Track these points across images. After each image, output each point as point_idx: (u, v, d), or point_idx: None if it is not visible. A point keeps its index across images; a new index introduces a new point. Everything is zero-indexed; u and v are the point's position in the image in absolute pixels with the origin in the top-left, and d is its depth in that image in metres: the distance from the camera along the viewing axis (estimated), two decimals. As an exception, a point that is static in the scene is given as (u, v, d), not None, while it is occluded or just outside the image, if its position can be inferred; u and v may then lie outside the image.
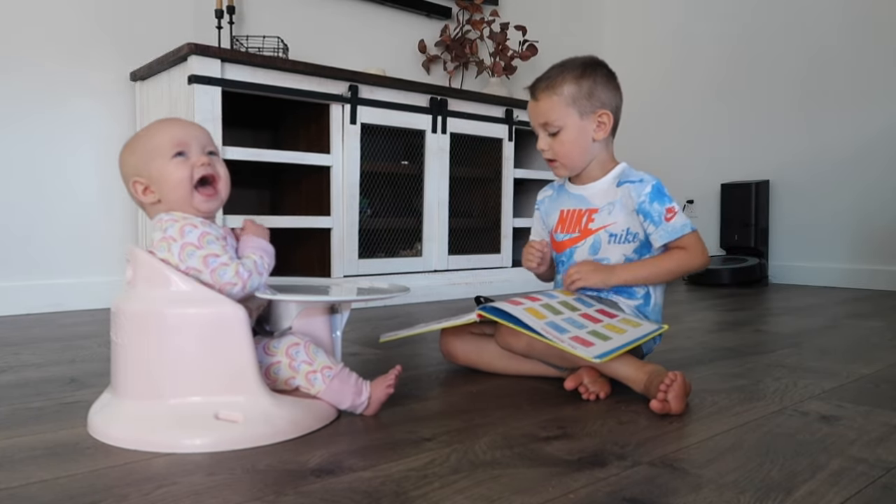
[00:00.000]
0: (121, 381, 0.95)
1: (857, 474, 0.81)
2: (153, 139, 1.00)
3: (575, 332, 1.12)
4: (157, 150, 0.99)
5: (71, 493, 0.74)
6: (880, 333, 1.86)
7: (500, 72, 3.14)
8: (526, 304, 1.18)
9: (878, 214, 3.01)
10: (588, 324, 1.16)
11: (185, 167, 0.98)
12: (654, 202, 1.25)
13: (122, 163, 1.02)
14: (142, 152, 0.99)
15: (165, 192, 0.98)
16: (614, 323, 1.19)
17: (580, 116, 1.27)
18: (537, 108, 1.30)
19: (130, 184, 1.00)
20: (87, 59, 2.28)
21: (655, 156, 3.65)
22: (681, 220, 1.26)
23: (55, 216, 2.24)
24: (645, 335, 1.18)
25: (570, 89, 1.27)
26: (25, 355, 1.49)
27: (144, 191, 0.99)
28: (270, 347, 0.99)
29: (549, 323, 1.12)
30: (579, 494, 0.75)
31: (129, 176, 1.00)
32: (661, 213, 1.25)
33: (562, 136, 1.28)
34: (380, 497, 0.73)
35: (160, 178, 0.98)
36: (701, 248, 1.27)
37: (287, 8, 2.73)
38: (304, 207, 2.45)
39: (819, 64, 3.18)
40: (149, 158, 0.99)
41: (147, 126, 1.04)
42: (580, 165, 1.32)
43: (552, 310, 1.18)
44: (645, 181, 1.27)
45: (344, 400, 1.01)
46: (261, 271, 0.97)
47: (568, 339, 1.08)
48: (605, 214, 1.30)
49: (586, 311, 1.22)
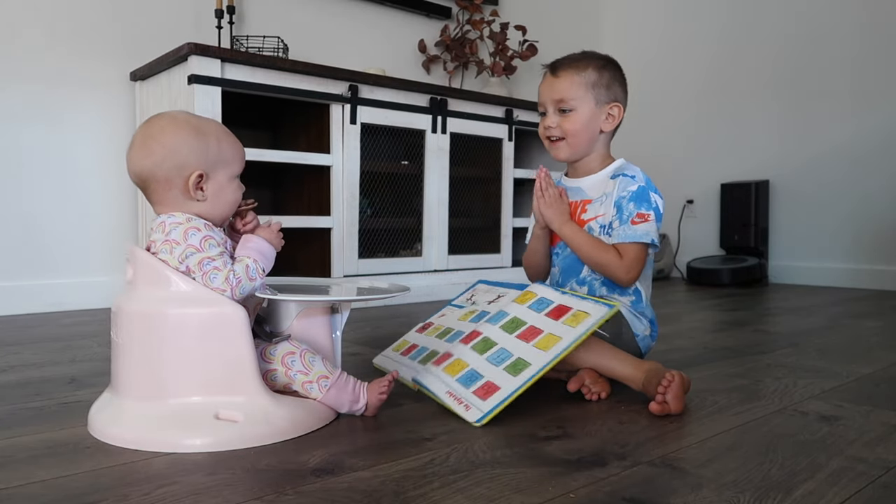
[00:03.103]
0: (121, 381, 0.95)
1: (856, 474, 0.82)
2: (225, 149, 0.99)
3: (484, 379, 1.06)
4: (227, 161, 1.00)
5: (71, 493, 0.74)
6: (880, 333, 1.86)
7: (500, 72, 3.14)
8: (457, 351, 1.15)
9: (877, 214, 3.01)
10: (518, 348, 1.09)
11: (240, 192, 1.03)
12: (631, 202, 1.25)
13: (179, 142, 0.96)
14: (213, 153, 0.98)
15: (214, 201, 0.98)
16: (556, 328, 1.10)
17: (595, 103, 1.29)
18: (555, 85, 1.29)
19: (190, 170, 0.96)
20: (87, 58, 2.28)
21: (655, 156, 3.65)
22: (644, 229, 1.23)
23: (55, 216, 2.24)
24: (585, 331, 1.07)
25: (593, 75, 1.28)
26: (25, 355, 1.49)
27: (199, 184, 0.97)
28: (267, 354, 0.99)
29: (465, 373, 1.08)
30: (579, 494, 0.75)
31: (191, 163, 0.96)
32: (630, 214, 1.24)
33: (573, 116, 1.28)
34: (380, 497, 0.73)
35: (219, 188, 0.99)
36: (634, 265, 1.23)
37: (287, 8, 2.73)
38: (304, 207, 2.45)
39: (819, 64, 3.18)
40: (219, 162, 0.99)
41: (213, 123, 1.01)
42: (583, 151, 1.32)
43: (486, 344, 1.13)
44: (636, 179, 1.27)
45: (342, 406, 1.01)
46: (252, 277, 0.95)
47: (471, 392, 1.03)
48: (597, 205, 1.30)
49: (532, 322, 1.15)
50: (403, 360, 1.33)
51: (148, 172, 0.96)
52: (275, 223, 1.05)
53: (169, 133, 0.96)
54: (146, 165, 0.96)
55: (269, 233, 1.02)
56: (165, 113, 1.01)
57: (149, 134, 0.97)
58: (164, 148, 0.95)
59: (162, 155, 0.95)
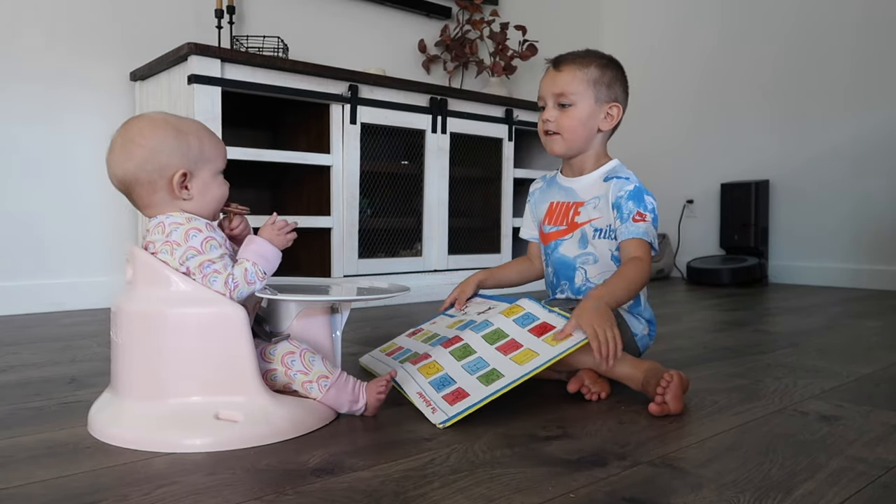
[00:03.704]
0: (121, 381, 0.95)
1: (856, 474, 0.82)
2: (206, 146, 0.99)
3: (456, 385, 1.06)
4: (209, 158, 0.99)
5: (71, 493, 0.74)
6: (880, 333, 1.86)
7: (500, 72, 3.14)
8: (436, 353, 1.16)
9: (877, 214, 3.01)
10: (495, 359, 1.10)
11: (225, 188, 1.02)
12: (629, 200, 1.25)
13: (159, 143, 0.95)
14: (195, 151, 0.97)
15: (200, 199, 0.98)
16: (536, 344, 1.11)
17: (595, 100, 1.28)
18: (557, 78, 1.29)
19: (173, 170, 0.95)
20: (87, 58, 2.28)
21: (655, 156, 3.66)
22: (643, 227, 1.24)
23: (55, 216, 2.24)
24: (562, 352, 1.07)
25: (595, 72, 1.28)
26: (25, 355, 1.49)
27: (183, 183, 0.96)
28: (267, 353, 0.99)
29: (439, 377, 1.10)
30: (579, 494, 0.75)
31: (174, 163, 0.95)
32: (631, 212, 1.24)
33: (572, 111, 1.28)
34: (380, 497, 0.73)
35: (203, 186, 0.98)
36: (648, 258, 1.23)
37: (287, 8, 2.73)
38: (304, 207, 2.45)
39: (819, 63, 3.18)
40: (201, 160, 0.98)
41: (192, 122, 1.00)
42: (579, 148, 1.32)
43: (464, 351, 1.14)
44: (630, 180, 1.27)
45: (341, 406, 1.01)
46: (250, 281, 0.95)
47: (440, 397, 1.05)
48: (590, 209, 1.30)
49: (514, 335, 1.15)
50: (387, 360, 1.35)
51: (131, 176, 0.95)
52: (280, 220, 1.01)
53: (148, 134, 0.95)
54: (129, 169, 0.95)
55: (272, 232, 1.00)
56: (142, 115, 1.00)
57: (128, 137, 0.96)
58: (145, 150, 0.94)
59: (143, 157, 0.94)
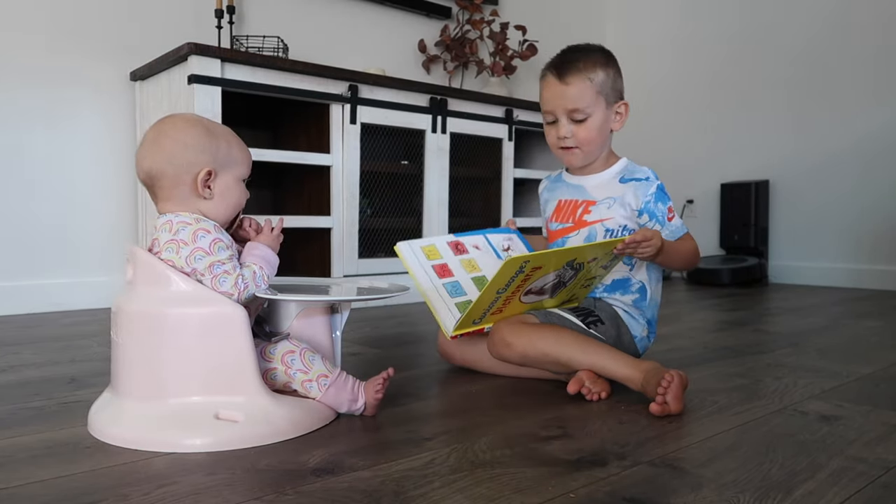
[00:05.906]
0: (121, 381, 0.95)
1: (856, 474, 0.82)
2: (234, 151, 1.01)
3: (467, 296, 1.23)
4: (237, 164, 1.02)
5: (71, 493, 0.74)
6: (880, 333, 1.86)
7: (500, 72, 3.14)
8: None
9: (877, 214, 3.01)
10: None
11: (245, 197, 1.04)
12: (658, 202, 1.26)
13: (191, 140, 0.97)
14: (223, 153, 0.99)
15: (219, 201, 0.99)
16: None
17: (606, 106, 1.27)
18: (567, 93, 1.24)
19: (200, 167, 0.97)
20: (87, 58, 2.27)
21: (655, 155, 3.65)
22: (678, 220, 1.29)
23: (55, 216, 2.23)
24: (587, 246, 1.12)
25: (601, 76, 1.25)
26: (25, 355, 1.49)
27: (207, 181, 0.98)
28: (267, 353, 0.99)
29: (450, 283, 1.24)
30: (579, 494, 0.75)
31: (202, 160, 0.97)
32: (664, 213, 1.26)
33: (589, 123, 1.26)
34: (380, 497, 0.73)
35: (226, 188, 1.00)
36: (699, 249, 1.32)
37: (287, 8, 2.73)
38: (304, 207, 2.45)
39: (819, 63, 3.18)
40: (228, 162, 1.00)
41: (224, 127, 1.03)
42: (596, 155, 1.31)
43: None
44: (650, 180, 1.27)
45: (341, 406, 1.01)
46: (258, 283, 0.97)
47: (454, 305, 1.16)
48: (603, 208, 1.30)
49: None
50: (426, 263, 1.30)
51: (158, 168, 0.97)
52: (277, 224, 1.05)
53: (181, 130, 0.98)
54: (157, 160, 0.97)
55: (271, 239, 1.03)
56: (176, 114, 1.03)
57: (161, 131, 0.99)
58: (177, 144, 0.97)
59: (173, 151, 0.97)
